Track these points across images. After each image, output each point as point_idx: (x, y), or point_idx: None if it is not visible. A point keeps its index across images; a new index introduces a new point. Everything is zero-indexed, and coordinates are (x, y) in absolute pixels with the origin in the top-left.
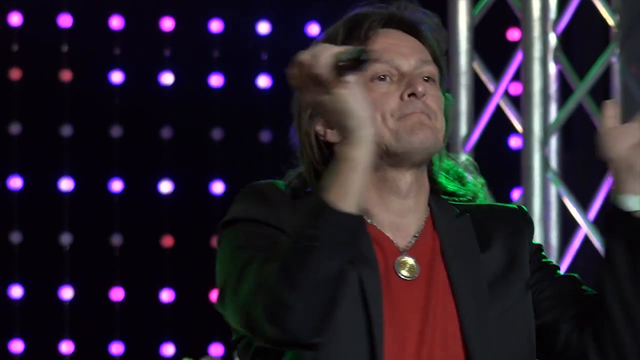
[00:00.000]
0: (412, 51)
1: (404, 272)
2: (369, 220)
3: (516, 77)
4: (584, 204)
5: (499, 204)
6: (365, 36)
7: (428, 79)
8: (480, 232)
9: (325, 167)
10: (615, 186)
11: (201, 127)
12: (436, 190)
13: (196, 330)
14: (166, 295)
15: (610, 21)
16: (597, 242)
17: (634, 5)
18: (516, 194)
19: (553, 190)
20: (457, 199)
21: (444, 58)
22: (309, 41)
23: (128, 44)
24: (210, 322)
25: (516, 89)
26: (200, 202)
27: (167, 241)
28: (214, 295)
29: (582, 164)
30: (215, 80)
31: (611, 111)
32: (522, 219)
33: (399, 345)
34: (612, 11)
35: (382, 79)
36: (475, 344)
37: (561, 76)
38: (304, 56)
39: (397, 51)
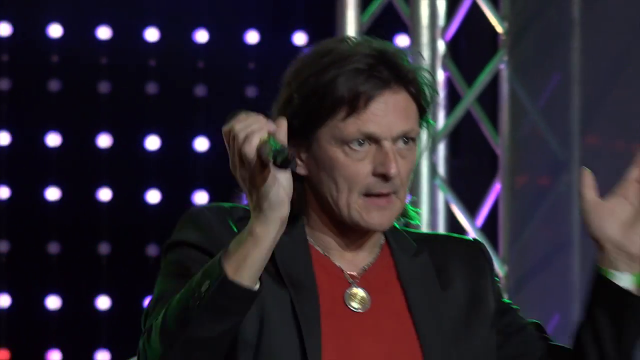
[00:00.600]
0: (398, 120)
1: (354, 304)
2: (319, 249)
3: None
4: (472, 211)
5: (455, 235)
6: (359, 104)
7: (407, 142)
8: (439, 269)
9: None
10: (603, 263)
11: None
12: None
13: None
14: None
15: (499, 28)
16: None
17: (522, 12)
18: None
19: (441, 197)
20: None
21: (431, 105)
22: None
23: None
24: None
25: None
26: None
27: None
28: None
29: (470, 170)
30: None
31: (589, 180)
32: (481, 255)
33: None
34: (501, 18)
35: (360, 143)
36: None
37: (449, 83)
38: (237, 126)
39: (381, 123)
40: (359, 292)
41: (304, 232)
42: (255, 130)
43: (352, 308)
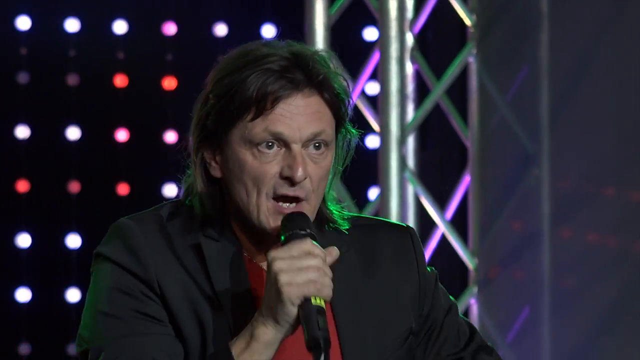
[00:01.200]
0: (308, 122)
1: None
2: (246, 254)
3: (373, 76)
4: (441, 204)
5: (389, 221)
6: (266, 104)
7: (319, 146)
8: (367, 258)
9: (208, 196)
10: None
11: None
12: (320, 220)
13: None
14: None
15: (467, 21)
16: (453, 241)
17: (491, 5)
18: (373, 193)
19: (410, 189)
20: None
21: (346, 111)
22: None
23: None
24: None
25: (373, 88)
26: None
27: None
28: None
29: (439, 163)
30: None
31: None
32: (410, 248)
33: None
34: (469, 11)
35: (269, 145)
36: None
37: (418, 76)
38: (317, 262)
39: (290, 124)
40: None
41: (235, 237)
42: (326, 285)
43: None
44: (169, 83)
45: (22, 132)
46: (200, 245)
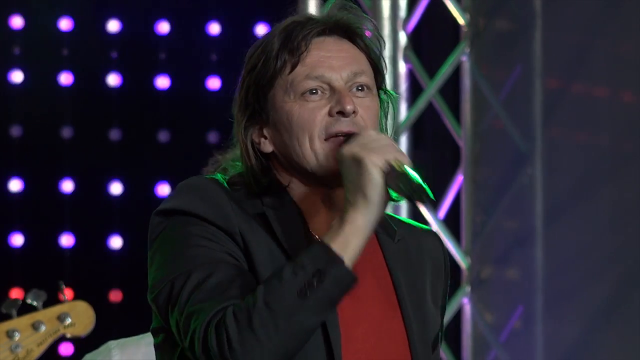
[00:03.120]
0: (345, 63)
1: None
2: (312, 231)
3: None
4: (434, 203)
5: (413, 223)
6: (299, 48)
7: (362, 88)
8: (414, 251)
9: (262, 174)
10: None
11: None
12: None
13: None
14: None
15: (461, 20)
16: (446, 240)
17: (484, 4)
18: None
19: None
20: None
21: (381, 60)
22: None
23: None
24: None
25: None
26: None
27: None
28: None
29: (432, 162)
30: (162, 82)
31: None
32: (442, 256)
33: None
34: (462, 10)
35: (313, 92)
36: None
37: (411, 75)
38: (377, 135)
39: (329, 65)
40: None
41: (296, 206)
42: (393, 147)
43: None
44: (163, 82)
45: (16, 131)
46: (265, 213)
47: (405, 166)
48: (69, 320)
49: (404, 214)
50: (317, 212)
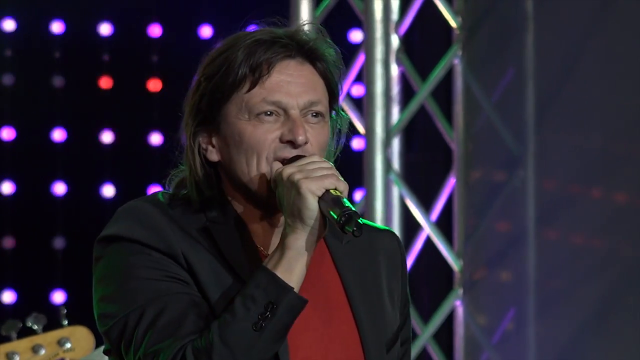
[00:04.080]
0: (303, 90)
1: None
2: (256, 244)
3: (358, 78)
4: (426, 205)
5: (372, 224)
6: (260, 70)
7: (317, 115)
8: (366, 251)
9: (206, 182)
10: None
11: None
12: None
13: None
14: None
15: (453, 23)
16: (439, 243)
17: (476, 7)
18: (358, 196)
19: (395, 191)
20: None
21: (338, 85)
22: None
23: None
24: None
25: (358, 90)
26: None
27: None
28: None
29: (424, 165)
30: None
31: None
32: (399, 253)
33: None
34: (454, 13)
35: (268, 114)
36: None
37: (403, 78)
38: (313, 160)
39: (287, 90)
40: None
41: (240, 219)
42: (341, 181)
43: None
44: (154, 85)
45: (8, 134)
46: (208, 228)
47: (340, 193)
48: (68, 345)
49: (395, 220)
50: (261, 227)
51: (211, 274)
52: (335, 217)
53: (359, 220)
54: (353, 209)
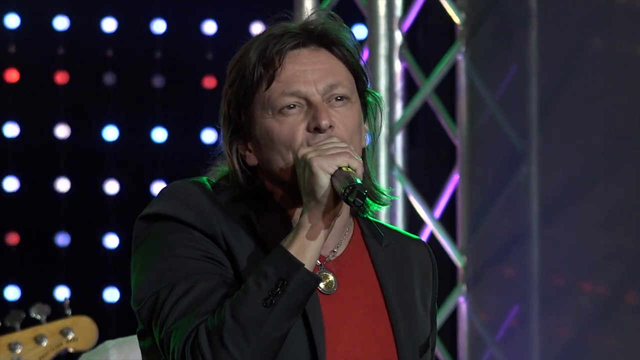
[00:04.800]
0: (321, 75)
1: (322, 285)
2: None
3: None
4: (430, 202)
5: (401, 231)
6: (273, 64)
7: (341, 98)
8: (402, 258)
9: (248, 184)
10: None
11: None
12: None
13: None
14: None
15: (456, 19)
16: (442, 239)
17: (480, 3)
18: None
19: (399, 187)
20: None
21: (360, 65)
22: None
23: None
24: None
25: None
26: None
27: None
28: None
29: (428, 161)
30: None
31: None
32: (431, 263)
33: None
34: (458, 9)
35: (291, 107)
36: None
37: (407, 74)
38: (331, 140)
39: (304, 79)
40: (329, 275)
41: (281, 209)
42: (355, 159)
43: (319, 289)
44: (158, 81)
45: (11, 130)
46: (249, 216)
47: (354, 171)
48: (71, 335)
49: (399, 216)
50: (296, 217)
51: (250, 260)
52: (342, 190)
53: (363, 193)
54: (360, 182)
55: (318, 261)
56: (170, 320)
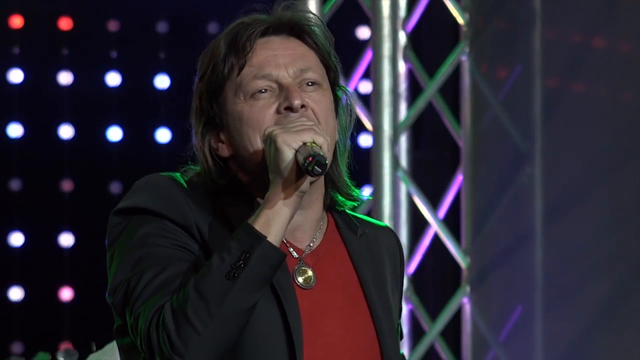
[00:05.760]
0: (292, 60)
1: (300, 280)
2: None
3: (366, 75)
4: (434, 202)
5: (370, 220)
6: (244, 49)
7: (311, 84)
8: (374, 247)
9: (220, 178)
10: None
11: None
12: (333, 198)
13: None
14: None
15: (460, 20)
16: (446, 240)
17: (484, 3)
18: (366, 192)
19: (403, 188)
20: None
21: (331, 56)
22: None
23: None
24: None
25: (366, 87)
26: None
27: None
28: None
29: (432, 162)
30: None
31: None
32: (400, 252)
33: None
34: (462, 10)
35: (262, 92)
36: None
37: (411, 75)
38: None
39: (275, 63)
40: (308, 270)
41: (256, 204)
42: (320, 135)
43: (297, 283)
44: (162, 81)
45: (16, 130)
46: (223, 208)
47: (319, 147)
48: None
49: (403, 217)
50: None
51: None
52: (302, 161)
53: (323, 162)
54: (322, 155)
55: (295, 254)
56: (139, 302)
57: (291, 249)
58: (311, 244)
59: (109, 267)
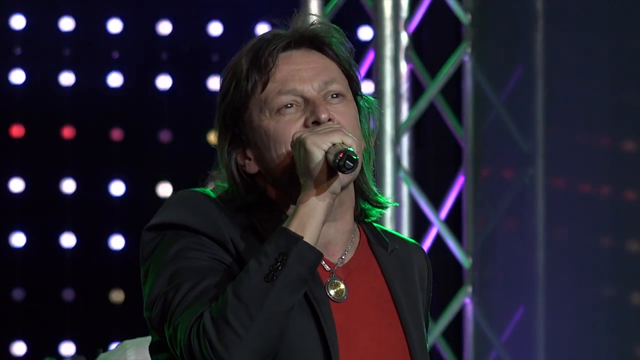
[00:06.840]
0: (315, 73)
1: (332, 292)
2: None
3: (368, 76)
4: (436, 203)
5: (399, 235)
6: (266, 65)
7: (336, 96)
8: (405, 267)
9: (248, 194)
10: None
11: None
12: (362, 207)
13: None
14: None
15: (462, 20)
16: (448, 240)
17: (486, 4)
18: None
19: (405, 189)
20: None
21: (352, 66)
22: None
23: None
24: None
25: (368, 87)
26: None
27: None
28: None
29: (434, 163)
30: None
31: None
32: (427, 267)
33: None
34: (464, 10)
35: (288, 107)
36: None
37: (413, 75)
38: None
39: (299, 77)
40: (340, 283)
41: (285, 216)
42: (338, 130)
43: (329, 296)
44: (164, 82)
45: (18, 131)
46: (255, 224)
47: (345, 145)
48: None
49: (405, 217)
50: None
51: None
52: (333, 159)
53: (354, 157)
54: (352, 151)
55: (327, 267)
56: (177, 313)
57: (323, 262)
58: (343, 257)
59: (144, 283)
